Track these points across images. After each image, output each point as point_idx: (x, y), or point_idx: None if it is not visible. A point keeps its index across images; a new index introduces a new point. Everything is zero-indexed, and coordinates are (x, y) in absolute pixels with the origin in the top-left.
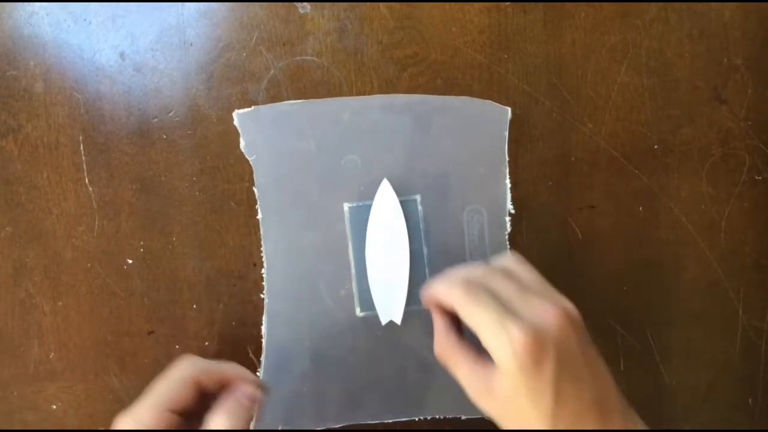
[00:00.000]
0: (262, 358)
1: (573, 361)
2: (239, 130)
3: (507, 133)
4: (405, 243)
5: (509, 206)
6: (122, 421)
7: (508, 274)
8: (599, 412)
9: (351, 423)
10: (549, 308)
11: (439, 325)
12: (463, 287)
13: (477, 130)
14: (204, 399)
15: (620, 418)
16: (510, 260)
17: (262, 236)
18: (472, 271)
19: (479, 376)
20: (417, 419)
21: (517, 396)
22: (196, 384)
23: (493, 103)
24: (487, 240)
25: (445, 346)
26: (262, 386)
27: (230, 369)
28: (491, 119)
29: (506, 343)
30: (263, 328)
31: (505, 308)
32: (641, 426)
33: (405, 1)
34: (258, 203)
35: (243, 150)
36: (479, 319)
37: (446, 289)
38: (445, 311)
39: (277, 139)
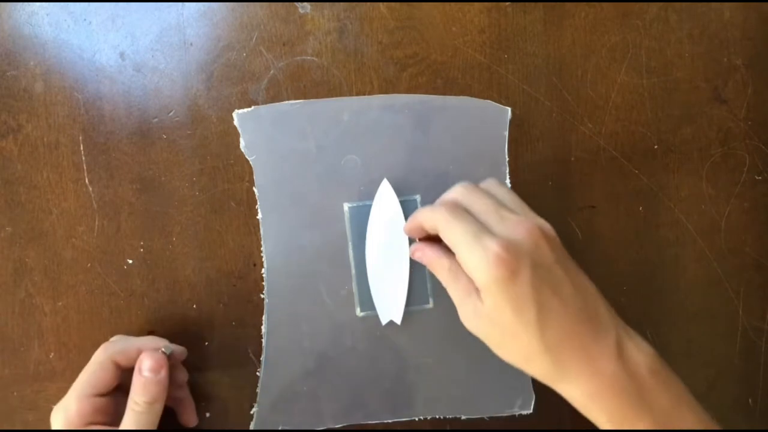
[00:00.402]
0: (262, 358)
1: (551, 272)
2: (239, 130)
3: (507, 133)
4: (405, 243)
5: None
6: (54, 415)
7: (487, 194)
8: (590, 324)
9: (351, 423)
10: (522, 222)
11: (435, 251)
12: (445, 207)
13: (477, 130)
14: (130, 373)
15: (614, 333)
16: (490, 181)
17: (262, 236)
18: (453, 192)
19: (472, 300)
20: (417, 419)
21: (499, 311)
22: (115, 365)
23: (493, 103)
24: None
25: (443, 270)
26: (164, 351)
27: (142, 343)
28: (491, 119)
29: (481, 256)
30: (263, 328)
31: (482, 225)
32: (640, 342)
33: (405, 1)
34: (258, 203)
35: (243, 150)
36: (457, 235)
37: (430, 212)
38: (432, 241)
39: (277, 139)
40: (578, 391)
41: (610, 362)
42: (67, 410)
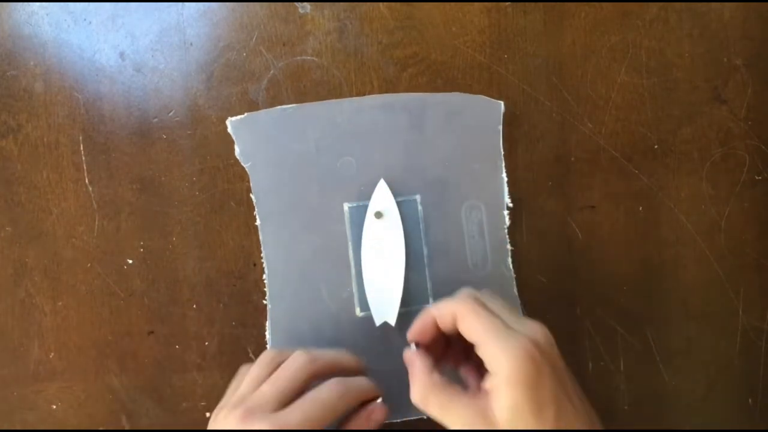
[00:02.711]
0: None
1: (564, 377)
2: (233, 138)
3: (501, 127)
4: (401, 243)
5: (507, 200)
6: (258, 421)
7: (496, 297)
8: (593, 427)
9: None
10: (539, 325)
11: (420, 366)
12: (471, 299)
13: (471, 125)
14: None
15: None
16: (486, 292)
17: (261, 242)
18: (465, 295)
19: (475, 408)
20: (416, 419)
21: (519, 414)
22: (310, 380)
23: (486, 97)
24: (487, 235)
25: (429, 387)
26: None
27: (369, 389)
28: (484, 114)
29: (513, 348)
30: (267, 334)
31: (505, 322)
32: None
33: (405, 1)
34: (255, 209)
35: (238, 157)
36: (486, 325)
37: (452, 303)
38: (425, 354)
39: (272, 143)
40: None
41: None
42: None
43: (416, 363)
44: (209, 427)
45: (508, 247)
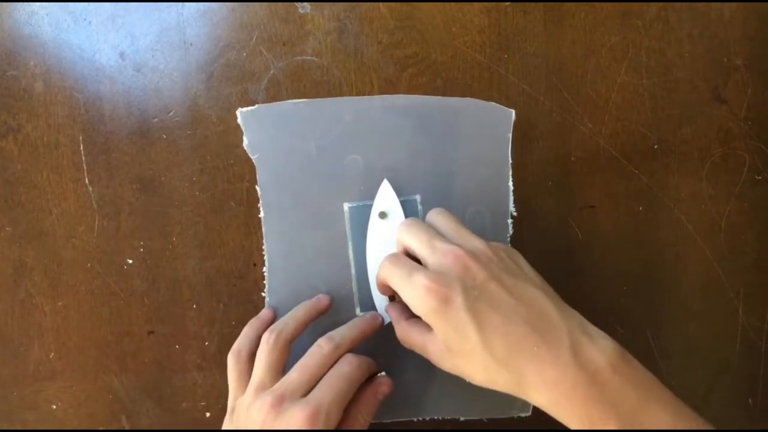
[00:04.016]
0: None
1: (485, 291)
2: (243, 128)
3: (510, 136)
4: None
5: (511, 208)
6: (292, 406)
7: (423, 228)
8: (539, 332)
9: None
10: (449, 250)
11: (393, 316)
12: (387, 258)
13: (480, 132)
14: None
15: (567, 338)
16: (433, 213)
17: (264, 235)
18: (398, 233)
19: (429, 341)
20: (415, 420)
21: (448, 339)
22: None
23: (497, 105)
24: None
25: (400, 330)
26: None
27: (356, 342)
28: (495, 121)
29: (414, 293)
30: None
31: (415, 264)
32: (601, 340)
33: (405, 1)
34: (260, 202)
35: (246, 148)
36: (395, 280)
37: (381, 269)
38: (397, 303)
39: (279, 137)
40: (543, 400)
41: (567, 367)
42: (328, 416)
43: (391, 314)
44: (227, 422)
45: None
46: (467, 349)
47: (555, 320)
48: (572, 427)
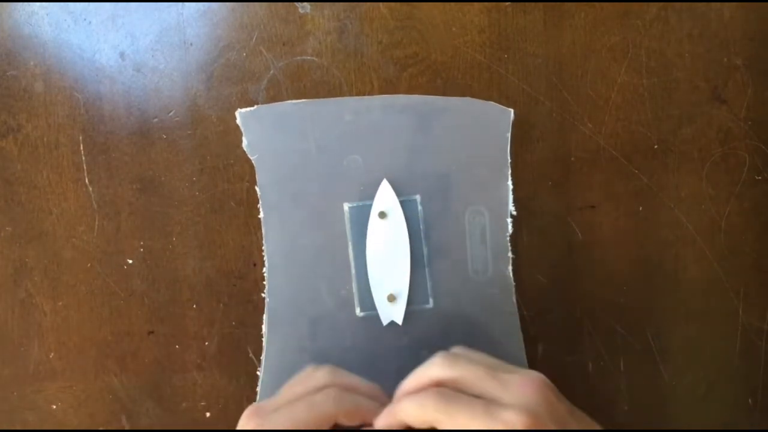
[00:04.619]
0: (262, 358)
1: (567, 423)
2: (242, 129)
3: (510, 135)
4: (405, 243)
5: (511, 208)
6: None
7: (470, 360)
8: None
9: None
10: (526, 381)
11: None
12: (434, 394)
13: (479, 132)
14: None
15: None
16: (460, 349)
17: (264, 235)
18: (431, 369)
19: None
20: None
21: None
22: (332, 423)
23: (496, 104)
24: (489, 242)
25: None
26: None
27: (373, 414)
28: (494, 121)
29: None
30: (264, 328)
31: (486, 401)
32: None
33: (405, 1)
34: (260, 202)
35: (245, 149)
36: (465, 420)
37: (415, 405)
38: None
39: (279, 138)
40: None
41: None
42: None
43: None
44: None
45: (510, 255)
46: None
47: None
48: None
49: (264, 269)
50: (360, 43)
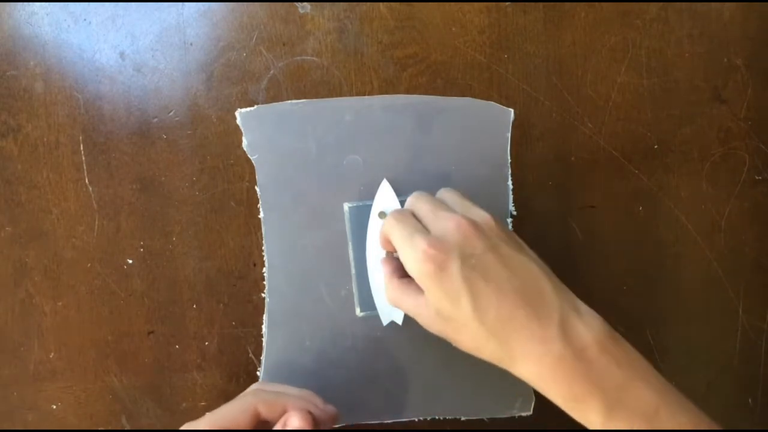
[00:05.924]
0: (262, 358)
1: (481, 260)
2: (242, 129)
3: (509, 135)
4: None
5: (511, 208)
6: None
7: (432, 199)
8: (530, 305)
9: (351, 423)
10: (451, 217)
11: (386, 271)
12: (392, 214)
13: (479, 131)
14: (266, 425)
15: (558, 313)
16: (444, 190)
17: (263, 235)
18: (407, 202)
19: (421, 304)
20: (416, 419)
21: (439, 304)
22: (256, 413)
23: (496, 104)
24: None
25: (392, 289)
26: (316, 415)
27: (293, 402)
28: (494, 121)
29: (412, 254)
30: (264, 328)
31: (419, 227)
32: (590, 318)
33: (405, 1)
34: (260, 202)
35: (245, 149)
36: (395, 237)
37: (386, 223)
38: (392, 258)
39: (279, 138)
40: (529, 373)
41: (555, 342)
42: None
43: (385, 269)
44: None
45: None
46: (458, 316)
47: (548, 295)
48: (556, 401)
49: (264, 269)
50: (360, 43)
